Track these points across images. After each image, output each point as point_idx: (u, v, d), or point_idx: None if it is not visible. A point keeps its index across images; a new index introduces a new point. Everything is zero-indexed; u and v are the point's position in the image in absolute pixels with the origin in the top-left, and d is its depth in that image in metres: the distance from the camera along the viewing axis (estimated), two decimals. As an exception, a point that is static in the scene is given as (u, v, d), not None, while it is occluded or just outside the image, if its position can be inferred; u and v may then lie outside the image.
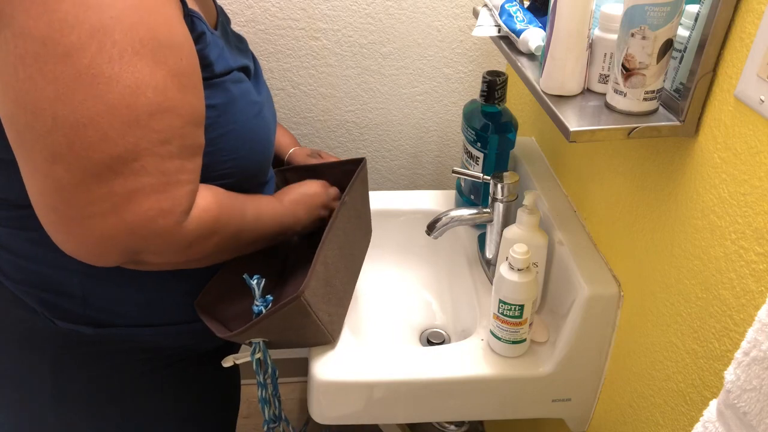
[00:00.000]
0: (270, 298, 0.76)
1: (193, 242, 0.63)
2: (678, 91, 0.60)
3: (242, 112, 0.71)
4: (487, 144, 0.97)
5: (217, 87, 0.67)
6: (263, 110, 0.76)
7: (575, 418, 0.89)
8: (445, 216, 0.93)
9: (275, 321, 0.73)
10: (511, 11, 0.78)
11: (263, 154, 0.77)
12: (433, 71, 1.26)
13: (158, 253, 0.62)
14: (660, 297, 0.68)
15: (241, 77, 0.72)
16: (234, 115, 0.69)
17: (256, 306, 0.75)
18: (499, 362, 0.83)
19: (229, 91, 0.69)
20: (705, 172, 0.59)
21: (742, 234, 0.54)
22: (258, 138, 0.74)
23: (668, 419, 0.68)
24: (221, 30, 0.75)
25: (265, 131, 0.76)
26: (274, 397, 0.81)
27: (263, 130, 0.76)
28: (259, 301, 0.75)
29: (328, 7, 1.16)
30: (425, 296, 1.11)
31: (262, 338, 0.76)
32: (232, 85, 0.69)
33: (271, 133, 0.79)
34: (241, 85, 0.71)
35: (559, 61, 0.64)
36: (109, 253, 0.59)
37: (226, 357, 0.78)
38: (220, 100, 0.67)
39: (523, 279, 0.75)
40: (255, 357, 0.76)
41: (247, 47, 0.84)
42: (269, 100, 0.84)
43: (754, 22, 0.50)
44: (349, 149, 1.35)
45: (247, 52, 0.82)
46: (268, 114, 0.79)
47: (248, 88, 0.73)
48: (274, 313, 0.72)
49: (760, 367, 0.38)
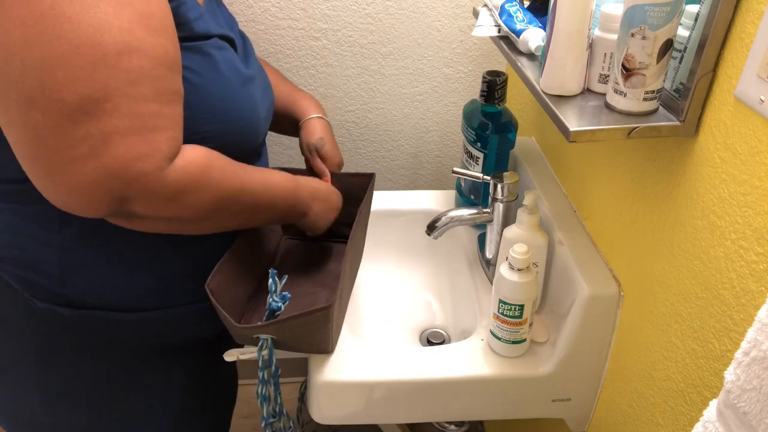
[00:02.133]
0: (288, 296, 0.74)
1: (178, 192, 0.62)
2: (678, 91, 0.60)
3: (223, 78, 0.69)
4: (487, 144, 0.97)
5: (195, 50, 0.66)
6: (251, 85, 0.75)
7: (575, 418, 0.89)
8: (445, 216, 0.93)
9: (297, 323, 0.71)
10: (511, 11, 0.78)
11: (248, 128, 0.75)
12: (433, 71, 1.26)
13: (142, 201, 0.61)
14: (660, 297, 0.68)
15: (223, 45, 0.71)
16: (214, 80, 0.68)
17: (274, 302, 0.73)
18: (499, 362, 0.83)
19: (208, 55, 0.68)
20: (705, 172, 0.59)
21: (742, 234, 0.54)
22: (242, 108, 0.72)
23: (668, 419, 0.68)
24: (209, 5, 0.73)
25: (250, 105, 0.74)
26: (276, 392, 0.80)
27: (248, 103, 0.74)
28: (278, 297, 0.73)
29: (328, 7, 1.16)
30: (425, 296, 1.11)
31: (272, 336, 0.74)
32: (213, 50, 0.68)
33: (259, 111, 0.77)
34: (224, 52, 0.70)
35: (559, 61, 0.64)
36: (95, 200, 0.58)
37: (228, 351, 0.76)
38: (197, 63, 0.66)
39: (523, 279, 0.75)
40: (261, 353, 0.74)
41: (236, 27, 0.83)
42: (263, 81, 0.82)
43: (754, 22, 0.50)
44: (349, 149, 1.35)
45: (234, 30, 0.80)
46: (257, 91, 0.77)
47: (231, 57, 0.72)
48: (303, 316, 0.70)
49: (760, 367, 0.38)
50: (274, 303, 0.73)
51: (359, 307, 1.03)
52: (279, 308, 0.73)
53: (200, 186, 0.64)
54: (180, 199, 0.63)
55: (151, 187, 0.59)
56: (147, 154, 0.58)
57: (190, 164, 0.63)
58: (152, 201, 0.61)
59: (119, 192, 0.59)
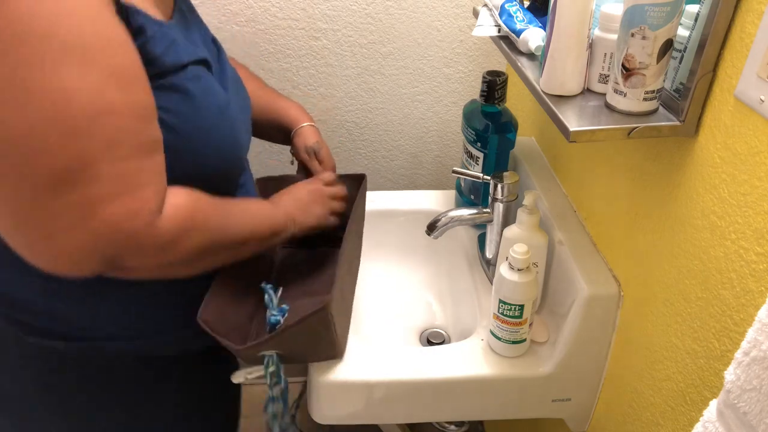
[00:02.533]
0: (286, 308, 0.73)
1: (170, 242, 0.61)
2: (678, 91, 0.60)
3: (201, 115, 0.66)
4: (487, 144, 0.97)
5: (168, 88, 0.63)
6: (229, 107, 0.72)
7: (575, 418, 0.89)
8: (445, 216, 0.93)
9: (296, 332, 0.70)
10: (511, 11, 0.78)
11: (231, 154, 0.73)
12: (433, 71, 1.26)
13: (135, 256, 0.60)
14: (660, 297, 0.68)
15: (198, 73, 0.67)
16: (192, 118, 0.65)
17: (273, 316, 0.71)
18: (499, 362, 0.83)
19: (183, 91, 0.64)
20: (705, 172, 0.59)
21: (742, 234, 0.54)
22: (223, 137, 0.70)
23: (668, 419, 0.68)
24: (179, 18, 0.69)
25: (231, 130, 0.72)
26: (284, 409, 0.78)
27: (229, 129, 0.71)
28: (275, 310, 0.72)
29: (328, 7, 1.16)
30: (425, 296, 1.11)
31: (276, 351, 0.72)
32: (188, 83, 0.65)
33: (240, 132, 0.75)
34: (200, 82, 0.67)
35: (559, 61, 0.64)
36: (85, 264, 0.57)
37: (235, 373, 0.74)
38: (173, 101, 0.63)
39: (523, 279, 0.75)
40: (269, 371, 0.72)
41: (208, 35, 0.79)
42: (238, 93, 0.80)
43: (754, 22, 0.50)
44: (349, 149, 1.35)
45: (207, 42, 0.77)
46: (235, 110, 0.74)
47: (209, 85, 0.68)
48: (298, 324, 0.69)
49: (760, 367, 0.38)
50: (273, 317, 0.72)
51: (359, 307, 1.03)
52: (278, 321, 0.71)
53: (189, 231, 0.63)
54: (171, 248, 0.62)
55: (142, 242, 0.58)
56: (135, 213, 0.57)
57: (178, 211, 0.61)
58: (144, 254, 0.60)
59: (110, 252, 0.57)
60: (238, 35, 1.18)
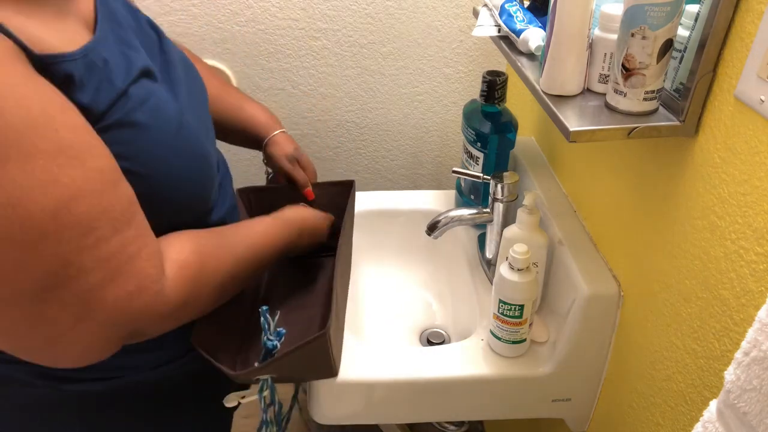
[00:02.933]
0: (283, 332, 0.71)
1: (186, 301, 0.58)
2: (678, 91, 0.60)
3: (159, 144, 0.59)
4: (487, 144, 0.97)
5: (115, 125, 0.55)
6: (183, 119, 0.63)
7: (575, 418, 0.89)
8: (445, 216, 0.93)
9: (293, 358, 0.69)
10: (511, 11, 0.78)
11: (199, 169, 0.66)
12: (433, 71, 1.26)
13: (154, 326, 0.57)
14: (660, 297, 0.68)
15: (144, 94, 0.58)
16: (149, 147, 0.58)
17: (269, 341, 0.70)
18: (499, 362, 0.83)
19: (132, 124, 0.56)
20: (705, 172, 0.59)
21: (742, 234, 0.54)
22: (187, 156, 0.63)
23: (668, 419, 0.68)
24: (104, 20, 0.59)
25: (192, 145, 0.64)
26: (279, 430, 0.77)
27: (189, 146, 0.63)
28: (272, 335, 0.70)
29: (328, 7, 1.16)
30: (425, 296, 1.11)
31: (271, 375, 0.71)
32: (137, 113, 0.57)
33: (203, 143, 0.67)
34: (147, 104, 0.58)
35: (559, 61, 0.64)
36: (101, 351, 0.54)
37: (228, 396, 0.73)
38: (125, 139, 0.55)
39: (523, 279, 0.75)
40: (263, 395, 0.71)
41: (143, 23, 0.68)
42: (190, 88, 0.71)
43: (754, 22, 0.50)
44: (349, 149, 1.35)
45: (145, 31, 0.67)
46: (191, 119, 0.66)
47: (157, 103, 0.60)
48: (296, 351, 0.67)
49: (760, 367, 0.38)
50: (269, 342, 0.70)
51: (359, 308, 1.03)
52: (275, 347, 0.70)
53: (203, 283, 0.60)
54: (191, 303, 0.59)
55: (156, 312, 0.55)
56: (138, 290, 0.53)
57: (185, 269, 0.58)
58: (163, 321, 0.58)
59: (124, 333, 0.54)
60: (238, 35, 1.18)
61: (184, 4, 1.14)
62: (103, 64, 0.55)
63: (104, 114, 0.54)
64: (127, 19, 0.65)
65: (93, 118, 0.53)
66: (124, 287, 0.52)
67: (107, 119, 0.55)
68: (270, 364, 0.68)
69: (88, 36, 0.57)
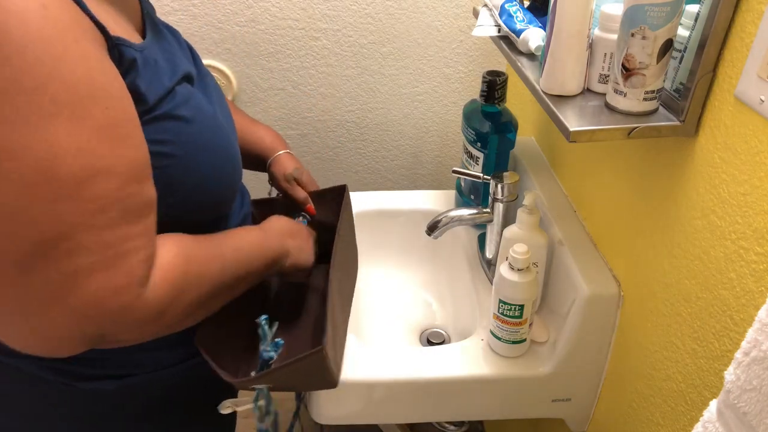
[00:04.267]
0: (281, 342, 0.70)
1: (165, 308, 0.56)
2: (678, 91, 0.60)
3: (199, 134, 0.62)
4: (487, 144, 0.97)
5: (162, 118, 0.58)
6: (218, 118, 0.67)
7: (575, 418, 0.89)
8: (445, 216, 0.93)
9: (289, 371, 0.68)
10: (511, 11, 0.78)
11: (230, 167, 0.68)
12: (433, 71, 1.26)
13: (125, 332, 0.54)
14: (660, 297, 0.68)
15: (187, 94, 0.62)
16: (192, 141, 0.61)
17: (266, 351, 0.69)
18: (499, 362, 0.83)
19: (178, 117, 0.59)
20: (705, 172, 0.59)
21: (742, 234, 0.54)
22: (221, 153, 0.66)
23: (668, 419, 0.68)
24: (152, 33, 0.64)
25: (226, 144, 0.67)
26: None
27: (224, 144, 0.67)
28: (269, 346, 0.69)
29: (328, 7, 1.16)
30: (425, 296, 1.11)
31: (267, 384, 0.69)
32: (182, 108, 0.60)
33: (232, 142, 0.70)
34: (190, 103, 0.62)
35: (559, 61, 0.64)
36: (67, 344, 0.52)
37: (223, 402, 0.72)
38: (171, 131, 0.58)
39: (523, 279, 0.75)
40: (258, 404, 0.70)
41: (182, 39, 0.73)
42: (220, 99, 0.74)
43: (754, 22, 0.50)
44: (349, 149, 1.35)
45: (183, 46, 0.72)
46: (223, 118, 0.70)
47: (198, 103, 0.64)
48: (292, 365, 0.66)
49: (760, 367, 0.38)
50: (266, 353, 0.69)
51: (359, 308, 1.03)
52: (271, 358, 0.69)
53: (184, 291, 0.58)
54: (167, 313, 0.57)
55: (131, 317, 0.53)
56: (121, 287, 0.51)
57: (168, 274, 0.56)
58: (135, 328, 0.55)
59: (93, 331, 0.52)
60: (238, 35, 1.18)
61: (184, 4, 1.14)
62: (154, 63, 0.59)
63: (154, 106, 0.57)
64: (167, 34, 0.69)
65: (145, 107, 0.56)
66: (110, 281, 0.50)
67: (156, 111, 0.58)
68: (265, 375, 0.67)
69: (139, 38, 0.61)
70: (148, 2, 0.68)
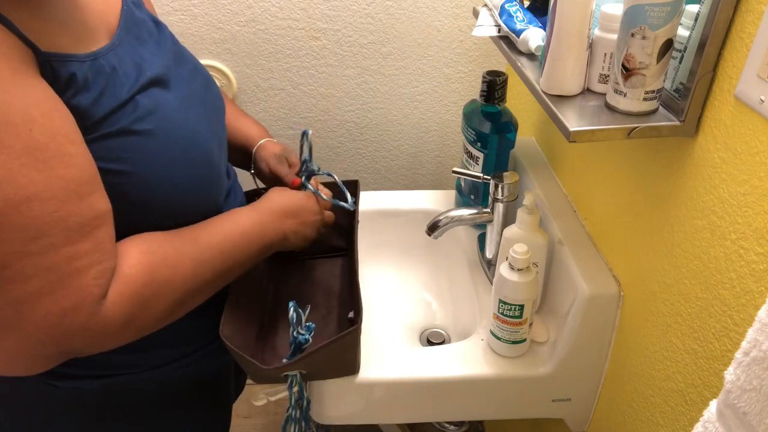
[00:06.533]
0: (312, 326, 0.69)
1: (130, 319, 0.54)
2: (678, 91, 0.60)
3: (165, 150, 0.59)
4: (487, 144, 0.97)
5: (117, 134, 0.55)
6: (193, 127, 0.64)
7: (575, 418, 0.89)
8: (445, 216, 0.93)
9: (325, 353, 0.68)
10: (511, 11, 0.78)
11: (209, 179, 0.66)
12: (433, 71, 1.26)
13: (95, 344, 0.53)
14: (660, 297, 0.68)
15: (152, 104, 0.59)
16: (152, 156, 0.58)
17: (300, 335, 0.68)
18: (499, 362, 0.83)
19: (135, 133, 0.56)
20: (705, 172, 0.59)
21: (742, 234, 0.54)
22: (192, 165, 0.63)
23: (668, 419, 0.68)
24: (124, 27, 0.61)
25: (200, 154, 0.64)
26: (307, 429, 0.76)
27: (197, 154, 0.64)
28: (303, 329, 0.69)
29: (328, 7, 1.16)
30: (425, 296, 1.11)
31: (300, 370, 0.69)
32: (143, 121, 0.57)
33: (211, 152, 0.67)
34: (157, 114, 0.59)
35: (559, 61, 0.64)
36: (33, 364, 0.52)
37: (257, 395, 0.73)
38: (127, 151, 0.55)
39: (523, 279, 0.75)
40: (292, 390, 0.69)
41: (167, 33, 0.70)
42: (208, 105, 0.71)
43: (754, 22, 0.50)
44: (349, 149, 1.35)
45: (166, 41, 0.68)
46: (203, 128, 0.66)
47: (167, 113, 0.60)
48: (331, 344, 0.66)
49: (760, 367, 0.38)
50: (301, 336, 0.68)
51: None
52: (307, 341, 0.68)
53: (149, 299, 0.56)
54: (134, 321, 0.55)
55: (94, 332, 0.52)
56: (73, 307, 0.50)
57: (128, 286, 0.54)
58: (106, 339, 0.54)
59: (59, 349, 0.52)
60: (238, 35, 1.18)
61: (184, 4, 1.14)
62: (111, 70, 0.56)
63: (104, 120, 0.55)
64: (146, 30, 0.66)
65: (89, 122, 0.53)
66: (60, 303, 0.49)
67: (110, 126, 0.55)
68: (301, 359, 0.67)
69: (105, 42, 0.58)
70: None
